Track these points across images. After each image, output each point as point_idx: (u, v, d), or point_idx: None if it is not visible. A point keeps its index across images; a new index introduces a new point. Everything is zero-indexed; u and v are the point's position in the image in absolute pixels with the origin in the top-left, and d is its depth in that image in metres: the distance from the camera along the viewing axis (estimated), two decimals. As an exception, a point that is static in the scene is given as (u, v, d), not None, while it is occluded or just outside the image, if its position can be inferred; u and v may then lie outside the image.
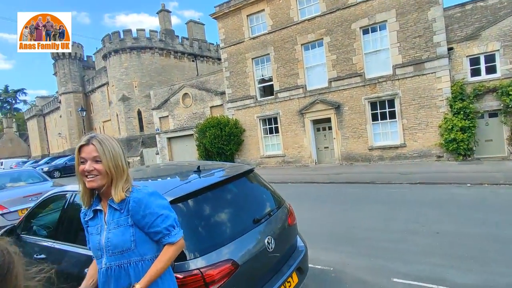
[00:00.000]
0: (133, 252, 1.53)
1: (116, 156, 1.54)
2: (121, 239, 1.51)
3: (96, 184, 1.50)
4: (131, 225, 1.53)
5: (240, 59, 17.02)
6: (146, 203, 1.53)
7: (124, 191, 1.53)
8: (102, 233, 1.55)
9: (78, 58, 40.44)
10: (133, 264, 1.53)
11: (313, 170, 13.62)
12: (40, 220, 3.53)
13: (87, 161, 1.50)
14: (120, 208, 1.53)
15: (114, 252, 1.52)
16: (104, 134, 1.63)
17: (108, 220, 1.55)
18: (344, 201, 7.63)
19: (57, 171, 23.20)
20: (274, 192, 2.99)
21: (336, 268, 3.83)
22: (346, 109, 13.91)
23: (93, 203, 1.61)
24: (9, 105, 67.99)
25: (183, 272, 1.88)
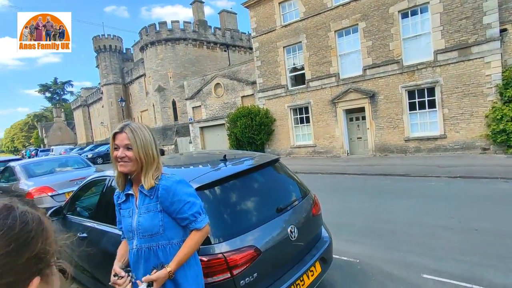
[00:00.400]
0: (162, 236, 1.63)
1: (146, 145, 1.63)
2: (150, 224, 1.61)
3: (126, 169, 1.61)
4: (160, 211, 1.62)
5: (271, 48, 16.86)
6: (174, 191, 1.62)
7: (154, 178, 1.62)
8: (134, 216, 1.67)
9: (118, 51, 42.51)
10: (161, 247, 1.63)
11: (344, 161, 13.31)
12: (82, 202, 3.86)
13: (120, 147, 1.60)
14: (150, 194, 1.63)
15: (144, 235, 1.63)
16: (139, 122, 1.74)
17: (139, 205, 1.66)
18: (375, 193, 7.41)
19: (100, 158, 24.93)
20: (299, 182, 3.00)
21: (362, 261, 3.77)
22: (381, 98, 13.31)
23: (126, 188, 1.72)
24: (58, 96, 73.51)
25: (207, 255, 1.98)
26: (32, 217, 0.48)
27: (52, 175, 7.04)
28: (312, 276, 2.50)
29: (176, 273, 1.61)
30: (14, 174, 6.95)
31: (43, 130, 63.40)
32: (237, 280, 2.00)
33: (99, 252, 2.91)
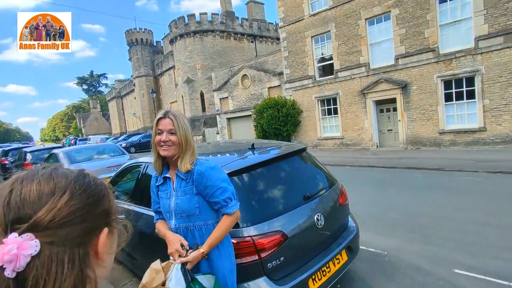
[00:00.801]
0: (198, 217, 1.76)
1: (186, 131, 1.75)
2: (187, 206, 1.74)
3: (169, 153, 1.72)
4: (196, 194, 1.74)
5: (299, 37, 16.59)
6: (208, 176, 1.72)
7: (190, 163, 1.73)
8: (171, 198, 1.79)
9: (149, 44, 43.78)
10: (197, 227, 1.76)
11: (373, 153, 12.95)
12: (120, 187, 4.13)
13: (164, 132, 1.70)
14: (186, 178, 1.75)
15: (182, 215, 1.76)
16: (177, 110, 1.86)
17: (176, 188, 1.78)
18: (406, 187, 7.19)
19: (133, 147, 26.10)
20: (326, 171, 3.01)
21: (390, 253, 3.72)
22: (414, 88, 12.72)
23: (163, 171, 1.85)
24: (94, 88, 77.47)
25: (236, 237, 2.08)
26: (101, 182, 0.60)
27: (91, 162, 7.54)
28: (338, 264, 2.53)
29: (210, 252, 1.73)
30: (58, 160, 7.52)
31: (81, 120, 67.31)
32: (265, 262, 2.09)
33: (135, 233, 3.12)
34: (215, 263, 1.76)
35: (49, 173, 0.54)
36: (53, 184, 0.52)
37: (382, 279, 3.19)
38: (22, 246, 0.44)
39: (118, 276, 3.94)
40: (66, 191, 0.51)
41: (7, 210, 0.47)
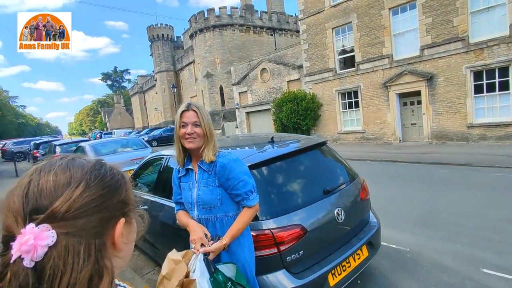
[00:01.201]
0: (219, 209, 1.78)
1: (209, 122, 1.77)
2: (209, 197, 1.76)
3: (194, 145, 1.74)
4: (217, 186, 1.76)
5: (319, 29, 16.25)
6: (230, 168, 1.74)
7: (213, 154, 1.76)
8: (193, 189, 1.82)
9: (170, 39, 44.47)
10: (219, 219, 1.79)
11: (396, 148, 12.58)
12: (142, 179, 4.25)
13: (188, 125, 1.71)
14: (209, 170, 1.77)
15: (204, 207, 1.79)
16: (197, 102, 1.88)
17: (198, 179, 1.81)
18: (430, 182, 6.93)
19: (155, 141, 26.79)
20: (347, 166, 2.95)
21: (413, 250, 3.62)
22: (440, 80, 12.17)
23: (186, 163, 1.88)
24: (117, 84, 79.82)
25: (256, 230, 2.09)
26: (118, 171, 0.61)
27: (115, 155, 7.81)
28: (359, 259, 2.49)
29: (231, 243, 1.75)
30: (85, 152, 7.84)
31: (105, 114, 69.74)
32: (284, 255, 2.09)
33: (157, 223, 3.21)
34: (235, 254, 1.79)
35: (66, 164, 0.54)
36: (69, 174, 0.52)
37: (404, 276, 3.11)
38: (39, 236, 0.45)
39: (141, 264, 4.08)
40: (81, 182, 0.51)
41: (26, 200, 0.48)
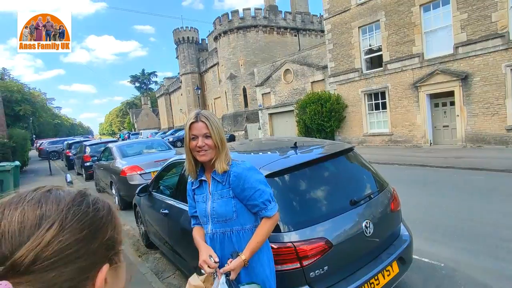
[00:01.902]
0: (235, 222, 1.68)
1: (220, 131, 1.67)
2: (224, 209, 1.66)
3: (207, 158, 1.64)
4: (232, 197, 1.66)
5: (345, 29, 15.83)
6: (245, 178, 1.64)
7: (226, 163, 1.66)
8: (207, 202, 1.73)
9: (195, 42, 45.35)
10: (235, 232, 1.68)
11: (426, 151, 11.94)
12: (165, 181, 4.26)
13: (198, 137, 1.62)
14: (222, 180, 1.67)
15: (219, 220, 1.69)
16: (206, 110, 1.79)
17: (212, 191, 1.71)
18: (465, 189, 6.47)
19: (179, 142, 27.38)
20: (376, 173, 2.76)
21: (448, 265, 3.34)
22: (476, 80, 11.41)
23: (199, 174, 1.78)
24: (145, 86, 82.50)
25: (277, 243, 1.98)
26: (103, 205, 0.50)
27: (140, 156, 7.96)
28: (389, 276, 2.31)
29: (250, 259, 1.65)
30: (112, 154, 8.08)
31: (133, 115, 72.25)
32: (307, 271, 1.96)
33: (178, 228, 3.18)
34: (254, 270, 1.68)
35: (39, 197, 0.44)
36: (40, 212, 0.42)
37: (438, 294, 2.87)
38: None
39: (162, 267, 4.09)
40: (54, 222, 0.41)
41: None
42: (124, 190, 6.99)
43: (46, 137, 42.46)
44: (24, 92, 19.17)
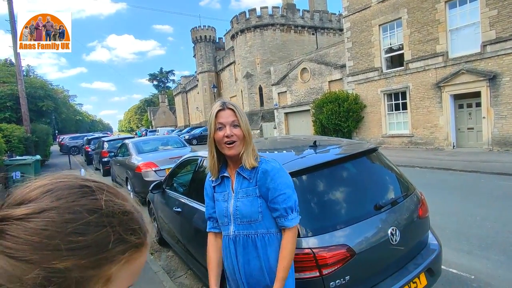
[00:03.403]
0: (260, 224, 1.49)
1: (247, 122, 1.51)
2: (249, 209, 1.49)
3: (236, 152, 1.46)
4: (259, 196, 1.49)
5: (364, 27, 15.40)
6: (273, 177, 1.47)
7: (254, 158, 1.49)
8: (230, 200, 1.54)
9: (212, 41, 45.64)
10: (260, 236, 1.50)
11: (449, 154, 11.43)
12: (178, 178, 4.19)
13: (226, 126, 1.44)
14: (250, 177, 1.49)
15: (243, 221, 1.51)
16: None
17: (236, 189, 1.53)
18: (494, 196, 6.08)
19: (195, 139, 27.61)
20: (402, 176, 2.56)
21: (479, 278, 3.08)
22: (506, 80, 10.80)
23: (220, 170, 1.60)
24: (163, 84, 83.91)
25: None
26: None
27: (156, 153, 7.98)
28: (416, 288, 2.11)
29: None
30: (128, 150, 8.14)
31: (151, 113, 73.62)
32: (327, 280, 1.80)
33: (191, 227, 3.09)
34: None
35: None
36: None
37: (468, 309, 2.64)
38: None
39: (174, 266, 4.02)
40: None
41: None
42: (139, 186, 7.02)
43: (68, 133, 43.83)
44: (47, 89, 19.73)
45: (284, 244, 1.48)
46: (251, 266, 1.52)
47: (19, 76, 14.15)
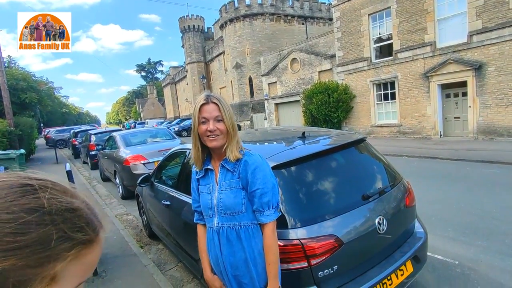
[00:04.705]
0: (244, 216, 1.51)
1: (231, 115, 1.52)
2: (233, 201, 1.50)
3: (218, 144, 1.48)
4: (242, 188, 1.50)
5: (354, 16, 15.35)
6: (253, 170, 1.47)
7: (237, 151, 1.50)
8: (214, 193, 1.56)
9: (200, 30, 44.79)
10: (243, 228, 1.51)
11: (436, 143, 11.65)
12: (167, 171, 4.14)
13: (209, 120, 1.47)
14: (233, 170, 1.51)
15: (226, 213, 1.52)
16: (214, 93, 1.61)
17: (219, 181, 1.55)
18: (479, 183, 6.25)
19: (185, 131, 27.39)
20: (389, 166, 2.59)
21: (463, 263, 3.17)
22: (491, 70, 10.99)
23: (205, 163, 1.61)
24: (151, 75, 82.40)
25: (283, 240, 1.83)
26: None
27: (144, 145, 7.86)
28: (402, 276, 2.16)
29: (258, 264, 1.53)
30: (115, 143, 7.99)
31: (140, 105, 72.40)
32: (315, 270, 1.82)
33: (180, 220, 3.07)
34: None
35: None
36: None
37: (452, 294, 2.72)
38: None
39: (164, 259, 4.01)
40: None
41: None
42: (128, 180, 6.92)
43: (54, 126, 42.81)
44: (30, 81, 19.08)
45: (265, 239, 1.51)
46: (236, 257, 1.53)
47: (0, 68, 13.64)
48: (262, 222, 1.50)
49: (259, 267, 1.51)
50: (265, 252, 1.50)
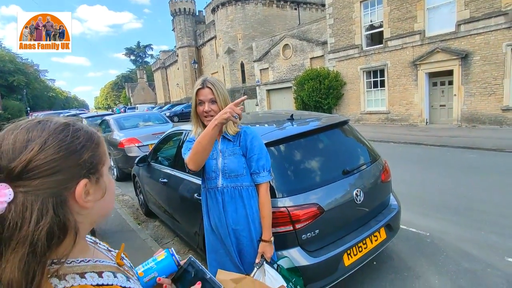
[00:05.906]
0: (245, 178, 1.79)
1: (226, 97, 1.78)
2: (236, 165, 1.77)
3: None
4: (242, 155, 1.79)
5: (346, 3, 15.39)
6: (251, 139, 1.78)
7: (235, 126, 1.80)
8: (218, 158, 1.81)
9: (191, 14, 43.81)
10: (245, 188, 1.79)
11: (422, 130, 12.08)
12: (163, 153, 4.34)
13: (205, 102, 1.74)
14: (234, 140, 1.80)
15: (231, 175, 1.78)
16: (213, 77, 1.85)
17: (222, 149, 1.81)
18: (457, 167, 6.65)
19: (176, 117, 27.24)
20: (369, 146, 2.86)
21: (433, 235, 3.52)
22: (476, 59, 11.33)
23: None
24: (140, 59, 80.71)
25: (272, 207, 2.09)
26: (85, 133, 0.62)
27: (138, 129, 7.99)
28: (376, 241, 2.46)
29: (254, 218, 1.81)
30: (109, 126, 8.09)
31: (129, 90, 71.17)
32: (299, 233, 2.09)
33: (177, 196, 3.29)
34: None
35: (29, 126, 0.57)
36: (27, 137, 0.55)
37: (422, 260, 3.06)
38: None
39: (161, 234, 4.26)
40: (36, 145, 0.54)
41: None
42: (122, 162, 7.09)
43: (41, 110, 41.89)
44: (16, 63, 18.69)
45: (260, 197, 1.82)
46: (238, 214, 1.81)
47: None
48: (258, 183, 1.80)
49: (256, 223, 1.81)
50: (260, 208, 1.81)
